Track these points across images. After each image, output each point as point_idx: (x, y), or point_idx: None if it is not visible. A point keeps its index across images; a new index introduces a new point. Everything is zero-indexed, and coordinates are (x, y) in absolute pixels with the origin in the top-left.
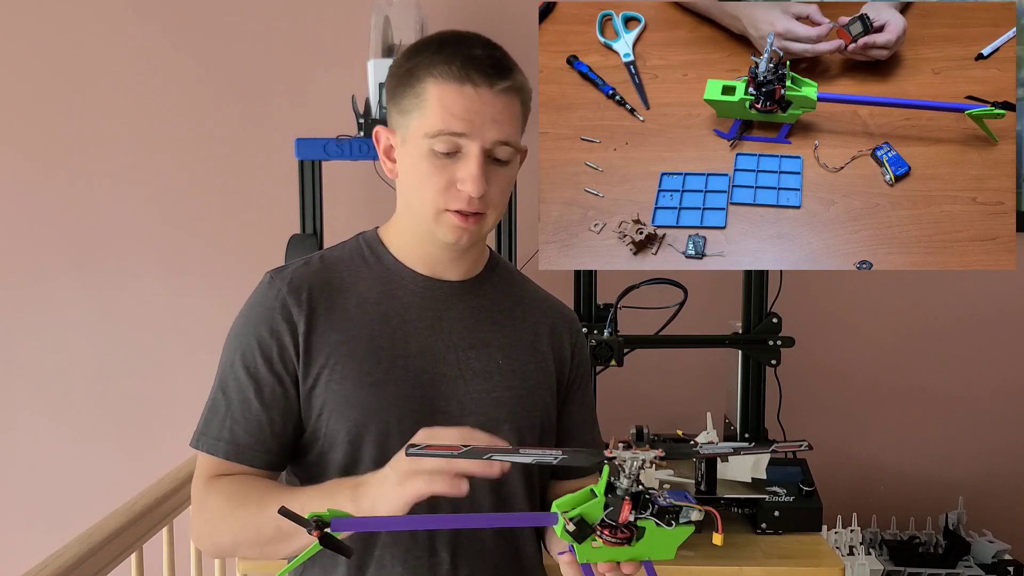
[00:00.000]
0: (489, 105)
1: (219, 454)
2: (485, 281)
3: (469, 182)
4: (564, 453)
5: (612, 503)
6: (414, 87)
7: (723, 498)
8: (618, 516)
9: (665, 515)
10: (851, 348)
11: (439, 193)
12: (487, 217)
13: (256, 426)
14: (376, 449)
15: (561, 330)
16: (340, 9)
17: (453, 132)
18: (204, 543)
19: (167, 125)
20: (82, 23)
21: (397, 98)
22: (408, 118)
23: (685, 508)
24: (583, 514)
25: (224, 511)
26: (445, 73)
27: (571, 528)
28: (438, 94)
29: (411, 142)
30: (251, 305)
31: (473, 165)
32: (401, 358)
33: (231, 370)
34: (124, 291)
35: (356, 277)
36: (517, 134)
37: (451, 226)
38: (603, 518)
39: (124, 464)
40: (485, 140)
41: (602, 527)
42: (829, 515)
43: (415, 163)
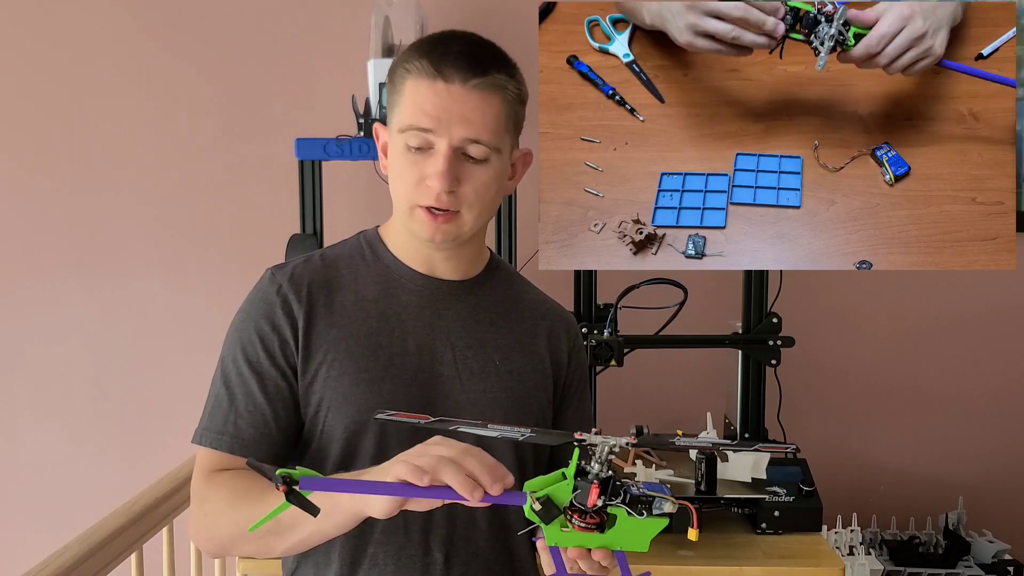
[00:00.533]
0: (460, 102)
1: (223, 448)
2: (484, 282)
3: (435, 178)
4: (533, 432)
5: (581, 487)
6: (396, 84)
7: (723, 498)
8: (586, 500)
9: (637, 504)
10: (851, 348)
11: (411, 188)
12: (462, 216)
13: (260, 419)
14: (373, 446)
15: (559, 333)
16: (340, 9)
17: (421, 127)
18: (201, 537)
19: (167, 126)
20: (83, 25)
21: (388, 96)
22: (392, 114)
23: (658, 499)
24: (551, 495)
25: (223, 505)
26: (420, 69)
27: (537, 507)
28: (412, 89)
29: (392, 136)
30: (252, 300)
31: (440, 161)
32: (399, 356)
33: (233, 364)
34: (124, 291)
35: (356, 275)
36: (493, 133)
37: (422, 222)
38: (572, 501)
39: (124, 464)
40: (453, 137)
41: (572, 511)
42: (829, 515)
43: (392, 158)
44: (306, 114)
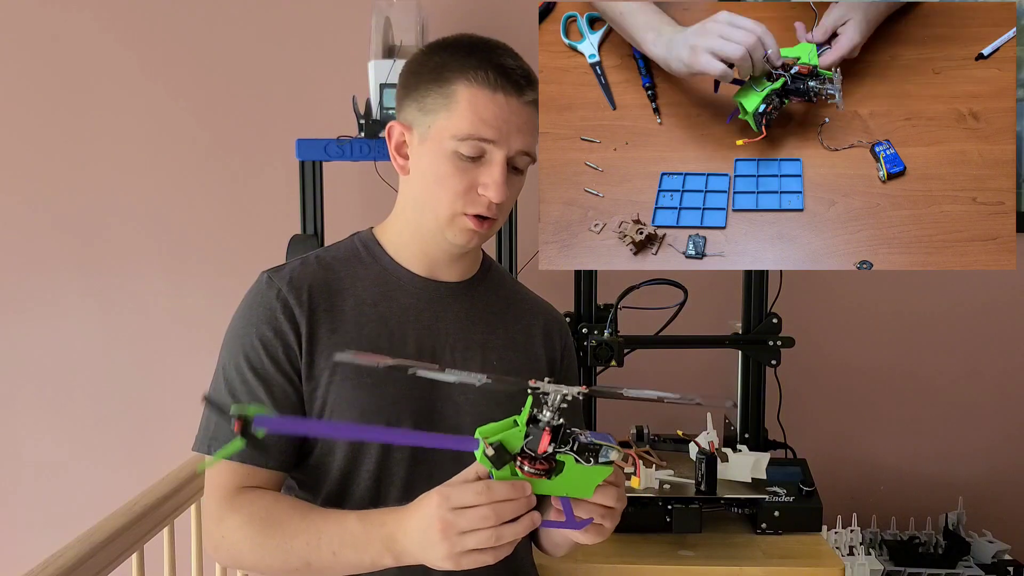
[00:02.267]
0: (516, 115)
1: (235, 458)
2: (479, 283)
3: (493, 188)
4: (489, 379)
5: (533, 434)
6: (443, 87)
7: (723, 498)
8: (537, 446)
9: (585, 452)
10: (851, 348)
11: (458, 196)
12: (496, 222)
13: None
14: (377, 449)
15: (552, 332)
16: (340, 10)
17: (483, 138)
18: (222, 558)
19: (168, 126)
20: (84, 25)
21: (419, 95)
22: (432, 117)
23: (605, 447)
24: (503, 441)
25: (246, 534)
26: (480, 79)
27: (490, 453)
28: (470, 97)
29: (433, 142)
30: (250, 305)
31: (498, 172)
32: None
33: (237, 373)
34: (125, 292)
35: (354, 278)
36: (536, 145)
37: (465, 230)
38: (523, 448)
39: (125, 464)
40: (511, 148)
41: (522, 458)
42: (829, 515)
43: (434, 163)
44: (306, 114)
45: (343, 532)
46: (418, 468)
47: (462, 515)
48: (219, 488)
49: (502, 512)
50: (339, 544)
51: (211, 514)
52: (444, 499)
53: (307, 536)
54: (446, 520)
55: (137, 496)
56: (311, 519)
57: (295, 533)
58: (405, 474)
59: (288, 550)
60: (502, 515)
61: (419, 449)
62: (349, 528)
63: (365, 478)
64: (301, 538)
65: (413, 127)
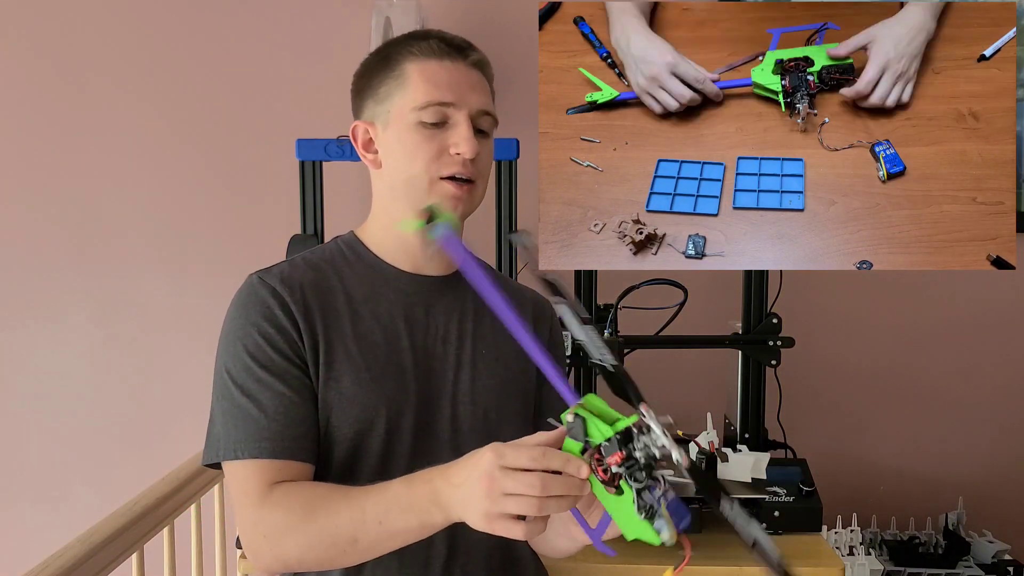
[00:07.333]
0: (466, 76)
1: (265, 455)
2: (464, 275)
3: (463, 143)
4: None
5: (613, 444)
6: (392, 71)
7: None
8: (606, 456)
9: (643, 498)
10: (851, 348)
11: (431, 161)
12: (476, 186)
13: (298, 416)
14: (379, 445)
15: (540, 318)
16: (340, 10)
17: (441, 102)
18: (265, 559)
19: (168, 125)
20: (84, 20)
21: (372, 89)
22: (389, 102)
23: (662, 520)
24: (589, 423)
25: (289, 524)
26: (423, 50)
27: (570, 419)
28: (419, 70)
29: (395, 122)
30: (244, 305)
31: (464, 128)
32: (395, 354)
33: (246, 372)
34: (125, 292)
35: (341, 277)
36: (493, 105)
37: (447, 195)
38: (600, 446)
39: (124, 464)
40: (471, 107)
41: (596, 453)
42: (829, 515)
43: (402, 139)
44: (306, 114)
45: (387, 498)
46: (418, 462)
47: (510, 476)
48: (250, 492)
49: (549, 485)
50: (384, 511)
51: (247, 518)
52: (498, 456)
53: (351, 512)
54: (493, 477)
55: (137, 496)
56: (352, 495)
57: (338, 511)
58: (406, 471)
59: (334, 531)
60: (548, 487)
61: (420, 444)
62: (394, 492)
63: (367, 472)
64: (344, 515)
65: (375, 120)
